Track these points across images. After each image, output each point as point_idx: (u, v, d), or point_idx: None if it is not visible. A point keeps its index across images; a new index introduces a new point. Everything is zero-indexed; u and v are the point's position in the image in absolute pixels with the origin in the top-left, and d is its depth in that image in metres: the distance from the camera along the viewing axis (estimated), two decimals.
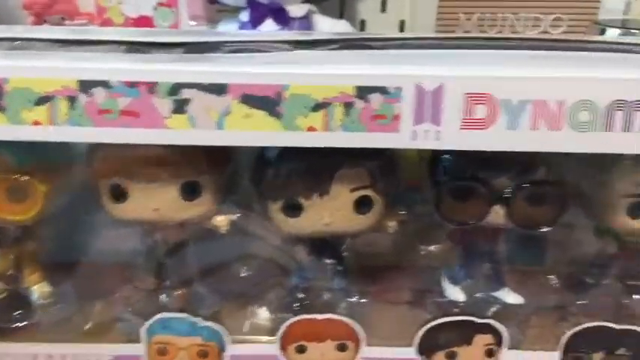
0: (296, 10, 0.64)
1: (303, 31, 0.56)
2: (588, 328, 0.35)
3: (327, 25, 0.58)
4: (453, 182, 0.34)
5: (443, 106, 0.29)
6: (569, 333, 0.35)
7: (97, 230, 0.41)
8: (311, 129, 0.29)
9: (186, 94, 0.29)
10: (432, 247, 0.39)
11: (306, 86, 0.29)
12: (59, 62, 0.29)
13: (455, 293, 0.39)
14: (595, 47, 0.36)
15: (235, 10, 0.62)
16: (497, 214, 0.34)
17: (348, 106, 0.29)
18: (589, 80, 0.29)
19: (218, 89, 0.29)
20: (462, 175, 0.34)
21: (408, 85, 0.29)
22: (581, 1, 0.70)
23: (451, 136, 0.29)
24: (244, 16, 0.60)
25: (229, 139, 0.29)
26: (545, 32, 0.64)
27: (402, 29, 0.65)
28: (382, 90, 0.29)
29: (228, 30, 0.56)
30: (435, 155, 0.35)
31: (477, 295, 0.39)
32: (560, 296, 0.39)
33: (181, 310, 0.36)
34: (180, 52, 0.33)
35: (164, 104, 0.29)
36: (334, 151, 0.32)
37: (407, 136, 0.29)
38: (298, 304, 0.37)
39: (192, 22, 0.60)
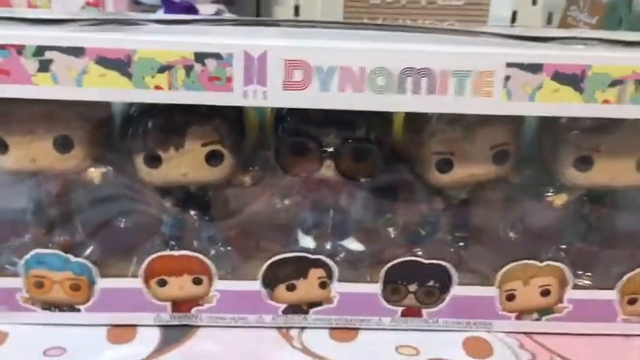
0: (205, 9, 0.70)
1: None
2: (402, 262, 0.41)
3: None
4: (290, 138, 0.40)
5: (267, 70, 0.35)
6: (386, 267, 0.41)
7: None
8: (158, 87, 0.35)
9: (49, 55, 0.34)
10: (286, 201, 0.45)
11: (153, 50, 0.34)
12: None
13: (306, 242, 0.45)
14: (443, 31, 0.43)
15: (152, 9, 0.67)
16: (328, 168, 0.40)
17: (189, 68, 0.35)
18: (384, 51, 0.35)
19: (76, 52, 0.34)
20: (297, 133, 0.40)
21: (238, 51, 0.35)
22: (471, 10, 0.78)
23: (276, 96, 0.35)
24: (159, 14, 0.66)
25: (87, 95, 0.35)
26: None
27: None
28: (216, 55, 0.35)
29: None
30: (277, 116, 0.41)
31: (326, 243, 0.45)
32: (397, 245, 0.46)
33: None
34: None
35: (31, 64, 0.34)
36: (187, 110, 0.38)
37: (239, 95, 0.35)
38: (169, 250, 0.43)
39: None
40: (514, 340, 0.43)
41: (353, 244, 0.45)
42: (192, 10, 0.72)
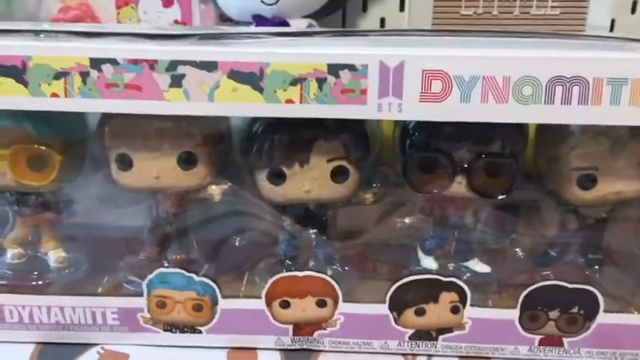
0: (297, 24, 0.69)
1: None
2: (544, 286, 0.38)
3: None
4: (419, 154, 0.38)
5: (404, 82, 0.33)
6: (526, 291, 0.38)
7: (107, 204, 0.45)
8: (289, 101, 0.34)
9: (181, 70, 0.33)
10: (407, 220, 0.43)
11: (285, 63, 0.33)
12: (74, 43, 0.34)
13: (428, 263, 0.43)
14: (546, 35, 0.40)
15: (245, 26, 0.67)
16: (459, 184, 0.38)
17: (321, 81, 0.33)
18: (531, 59, 0.33)
19: (209, 66, 0.33)
20: (427, 148, 0.38)
21: (373, 62, 0.33)
22: (568, 20, 0.74)
23: (412, 108, 0.33)
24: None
25: (219, 110, 0.34)
26: None
27: None
28: (351, 67, 0.33)
29: None
30: (404, 131, 0.39)
31: (449, 265, 0.43)
32: (525, 267, 0.43)
33: None
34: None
35: (163, 79, 0.34)
36: (313, 125, 0.37)
37: (373, 108, 0.33)
38: (285, 270, 0.41)
39: None
40: None
41: (478, 266, 0.43)
42: (284, 24, 0.72)
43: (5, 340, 0.41)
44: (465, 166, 0.37)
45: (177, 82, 0.33)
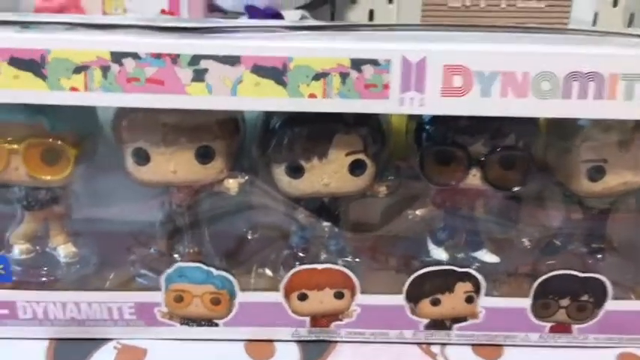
0: (290, 15, 0.69)
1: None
2: (556, 275, 0.39)
3: None
4: (436, 148, 0.38)
5: (426, 76, 0.34)
6: (538, 280, 0.39)
7: (118, 198, 0.45)
8: (312, 96, 0.34)
9: (204, 64, 0.33)
10: (418, 211, 0.43)
11: (308, 58, 0.33)
12: (95, 37, 0.34)
13: (439, 253, 0.43)
14: (558, 32, 0.41)
15: (235, 17, 0.66)
16: (474, 177, 0.39)
17: (344, 75, 0.33)
18: (549, 54, 0.34)
19: (232, 60, 0.33)
20: (444, 142, 0.38)
21: (396, 57, 0.33)
22: (552, 13, 0.76)
23: (433, 103, 0.34)
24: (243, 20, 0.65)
25: (241, 105, 0.34)
26: None
27: None
28: (374, 62, 0.33)
29: None
30: (420, 125, 0.40)
31: (458, 255, 0.44)
32: (531, 257, 0.44)
33: None
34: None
35: (185, 73, 0.33)
36: (332, 119, 0.37)
37: (395, 103, 0.34)
38: (298, 262, 0.42)
39: None
40: None
41: (487, 256, 0.44)
42: (278, 16, 0.72)
43: (19, 337, 0.40)
44: (482, 159, 0.38)
45: (199, 76, 0.33)
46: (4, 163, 0.37)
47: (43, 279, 0.41)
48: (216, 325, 0.40)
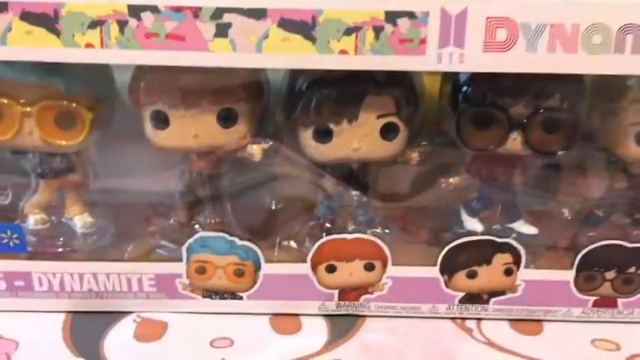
0: None
1: None
2: (601, 246, 0.37)
3: None
4: (473, 110, 0.36)
5: (466, 30, 0.31)
6: (583, 252, 0.37)
7: (135, 168, 0.43)
8: (343, 52, 0.31)
9: (227, 18, 0.31)
10: (451, 180, 0.41)
11: (339, 10, 0.31)
12: None
13: (473, 224, 0.41)
14: None
15: None
16: (514, 141, 0.36)
17: (378, 30, 0.31)
18: (601, 5, 0.31)
19: (257, 14, 0.31)
20: (482, 103, 0.36)
21: (434, 9, 0.31)
22: None
23: (474, 59, 0.31)
24: None
25: (267, 62, 0.32)
26: None
27: None
28: (410, 14, 0.31)
29: None
30: (456, 86, 0.37)
31: (494, 226, 0.41)
32: (571, 229, 0.42)
33: None
34: None
35: (207, 28, 0.31)
36: (362, 79, 0.35)
37: (433, 59, 0.31)
38: (325, 234, 0.40)
39: None
40: None
41: (524, 227, 0.41)
42: None
43: (34, 310, 0.39)
44: (523, 121, 0.35)
45: (222, 31, 0.31)
46: (17, 126, 0.35)
47: (59, 249, 0.40)
48: (240, 298, 0.39)
